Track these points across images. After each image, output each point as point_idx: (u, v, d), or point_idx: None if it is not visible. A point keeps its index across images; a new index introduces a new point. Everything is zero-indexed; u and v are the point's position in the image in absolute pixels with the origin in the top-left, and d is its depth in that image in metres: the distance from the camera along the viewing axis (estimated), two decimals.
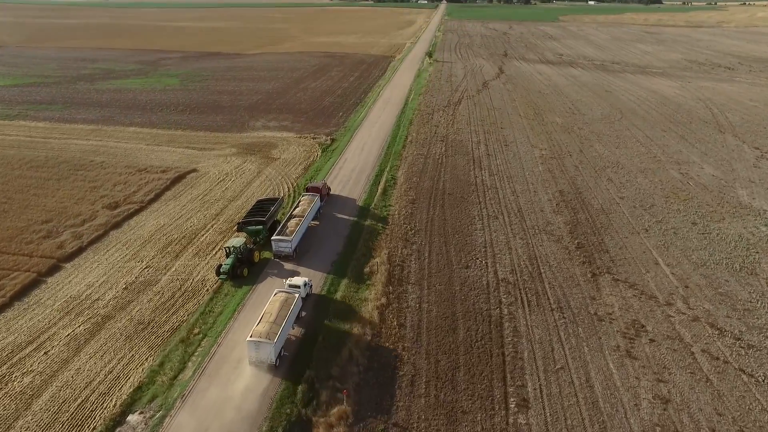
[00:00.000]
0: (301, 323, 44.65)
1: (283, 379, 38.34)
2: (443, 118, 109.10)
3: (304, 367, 39.53)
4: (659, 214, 66.80)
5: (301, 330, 44.18)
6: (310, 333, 43.76)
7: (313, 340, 42.60)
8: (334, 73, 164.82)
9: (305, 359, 40.49)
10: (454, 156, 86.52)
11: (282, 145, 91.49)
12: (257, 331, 38.87)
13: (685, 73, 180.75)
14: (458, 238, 59.75)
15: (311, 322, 45.06)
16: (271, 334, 38.55)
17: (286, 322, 40.59)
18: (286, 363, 40.00)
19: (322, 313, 46.13)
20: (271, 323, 39.79)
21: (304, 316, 45.51)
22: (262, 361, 38.62)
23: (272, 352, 38.06)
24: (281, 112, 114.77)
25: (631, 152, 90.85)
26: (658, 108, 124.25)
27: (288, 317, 41.11)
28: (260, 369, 38.81)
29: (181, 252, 56.36)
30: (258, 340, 38.15)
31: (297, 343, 42.67)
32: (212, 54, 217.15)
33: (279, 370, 38.89)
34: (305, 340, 42.86)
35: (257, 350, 38.33)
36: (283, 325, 39.92)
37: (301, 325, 44.58)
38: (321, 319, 45.31)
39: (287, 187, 73.50)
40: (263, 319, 40.67)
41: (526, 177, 78.12)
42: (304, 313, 45.74)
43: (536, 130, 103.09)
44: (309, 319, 45.35)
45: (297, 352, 41.52)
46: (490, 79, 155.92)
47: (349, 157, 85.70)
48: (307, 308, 46.57)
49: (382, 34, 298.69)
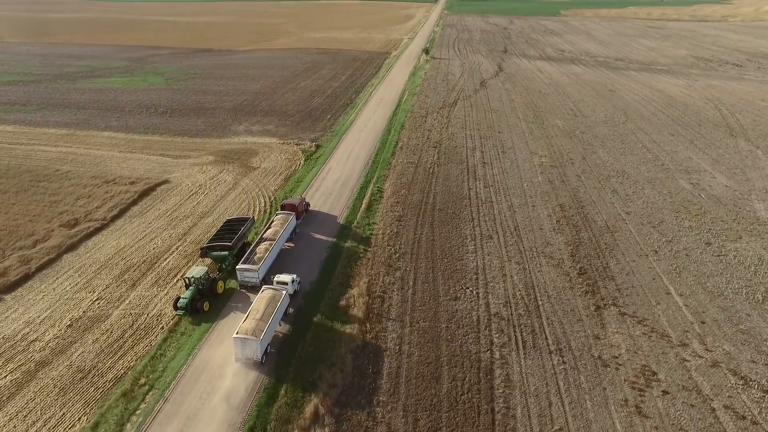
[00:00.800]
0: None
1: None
2: (437, 121, 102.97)
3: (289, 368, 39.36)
4: (669, 233, 60.95)
5: (288, 327, 44.19)
6: (271, 383, 38.18)
7: (273, 395, 36.96)
8: (325, 71, 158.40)
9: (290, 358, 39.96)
10: (447, 164, 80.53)
11: (263, 152, 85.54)
12: (243, 328, 38.89)
13: (692, 70, 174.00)
14: (447, 262, 53.95)
15: (273, 367, 39.46)
16: (257, 331, 38.56)
17: (273, 319, 40.65)
18: (272, 361, 39.86)
19: (286, 358, 40.50)
20: (257, 320, 39.64)
21: (291, 312, 45.43)
22: (248, 358, 38.72)
23: (258, 350, 38.19)
24: (266, 114, 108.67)
25: (637, 159, 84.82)
26: (665, 109, 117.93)
27: (275, 314, 41.13)
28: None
29: (139, 280, 50.67)
30: (244, 337, 38.11)
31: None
32: (203, 50, 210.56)
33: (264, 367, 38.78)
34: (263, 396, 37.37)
35: (243, 347, 38.34)
36: (269, 322, 39.95)
37: (288, 321, 44.42)
38: (285, 366, 39.71)
39: (263, 202, 67.70)
40: (250, 315, 40.57)
41: (525, 189, 72.20)
42: (291, 309, 45.73)
43: (536, 134, 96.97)
44: (271, 363, 39.77)
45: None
46: (488, 78, 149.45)
47: (334, 165, 79.74)
48: (276, 345, 42.33)
49: (380, 29, 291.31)
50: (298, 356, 40.66)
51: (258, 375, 38.64)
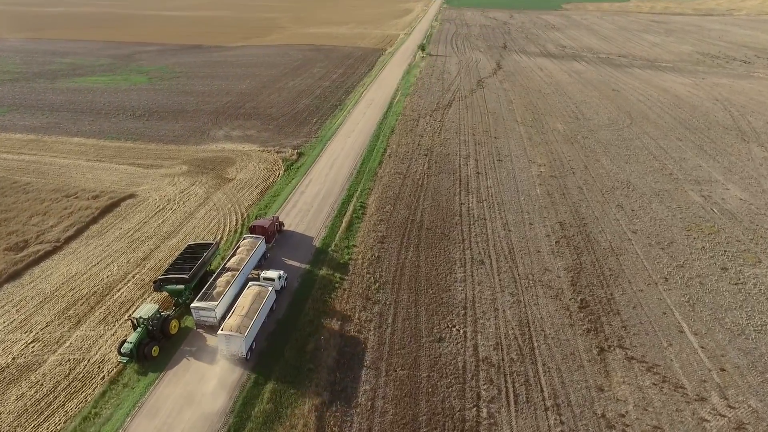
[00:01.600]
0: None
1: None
2: (430, 125, 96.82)
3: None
4: (680, 255, 55.13)
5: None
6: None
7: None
8: (316, 69, 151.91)
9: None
10: (438, 175, 74.56)
11: (241, 161, 79.60)
12: (228, 325, 38.77)
13: (698, 67, 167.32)
14: (433, 293, 48.22)
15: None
16: (242, 328, 38.51)
17: (258, 316, 40.68)
18: (256, 357, 39.82)
19: (243, 414, 34.87)
20: (242, 316, 39.58)
21: (275, 309, 45.04)
22: (233, 354, 38.65)
23: (243, 346, 38.11)
24: (249, 117, 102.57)
25: (643, 168, 78.82)
26: (672, 111, 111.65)
27: (260, 311, 41.19)
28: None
29: (86, 316, 45.02)
30: (229, 333, 37.95)
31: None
32: (193, 47, 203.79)
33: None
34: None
35: (228, 344, 38.22)
36: (254, 318, 39.92)
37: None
38: (239, 427, 34.09)
39: (235, 219, 61.91)
40: (235, 312, 40.44)
41: (521, 203, 66.32)
42: (276, 306, 45.38)
43: (535, 139, 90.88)
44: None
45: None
46: (486, 76, 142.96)
47: (315, 177, 73.78)
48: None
49: (376, 24, 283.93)
50: (254, 415, 35.09)
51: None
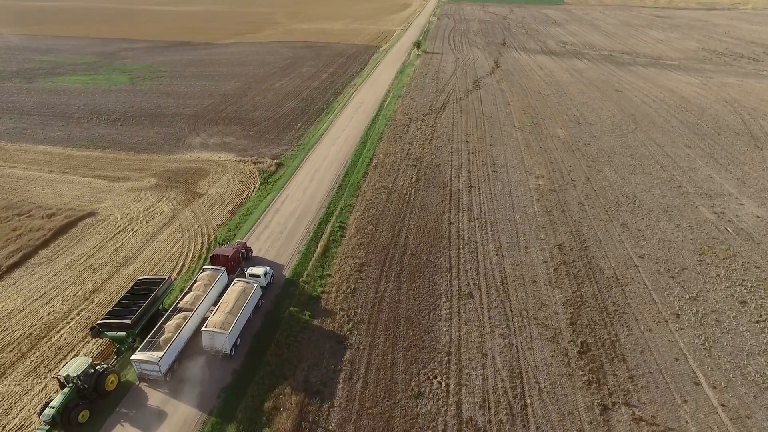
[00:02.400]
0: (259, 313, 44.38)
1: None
2: (421, 132, 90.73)
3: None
4: (692, 286, 49.39)
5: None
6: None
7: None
8: (306, 68, 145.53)
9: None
10: (427, 189, 68.68)
11: (215, 172, 73.69)
12: (212, 321, 38.64)
13: (705, 65, 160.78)
14: (413, 336, 42.53)
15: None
16: (226, 324, 38.46)
17: (243, 313, 40.56)
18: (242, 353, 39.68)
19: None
20: (226, 313, 39.45)
21: (263, 305, 45.22)
22: (217, 351, 38.50)
23: (227, 343, 37.99)
24: (229, 122, 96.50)
25: (649, 180, 72.89)
26: (679, 114, 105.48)
27: (245, 307, 41.06)
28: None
29: (14, 365, 39.42)
30: (213, 330, 37.92)
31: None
32: (182, 44, 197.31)
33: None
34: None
35: (212, 340, 38.12)
36: (238, 315, 39.83)
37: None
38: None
39: (200, 243, 56.16)
40: (220, 308, 40.31)
41: (517, 222, 60.48)
42: (263, 302, 45.61)
43: (533, 147, 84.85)
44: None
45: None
46: (483, 76, 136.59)
47: (293, 192, 67.88)
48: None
49: (372, 20, 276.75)
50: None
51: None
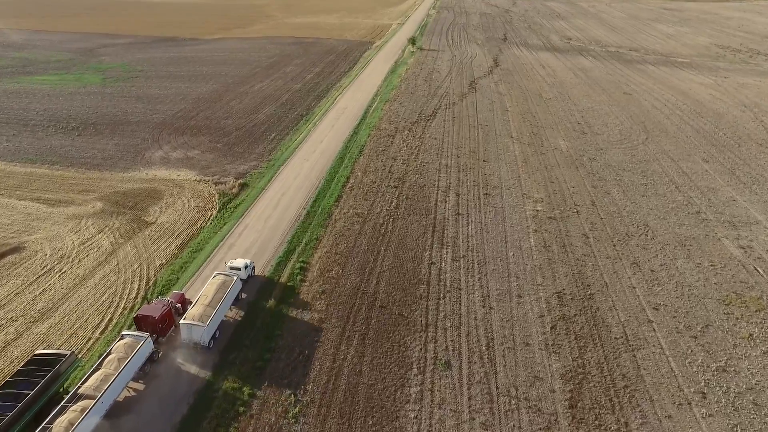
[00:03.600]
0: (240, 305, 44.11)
1: None
2: (407, 144, 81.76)
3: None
4: (720, 350, 40.80)
5: (239, 312, 43.47)
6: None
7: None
8: (291, 67, 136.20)
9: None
10: (407, 217, 59.94)
11: (170, 195, 65.15)
12: (191, 314, 38.92)
13: (718, 63, 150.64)
14: (373, 425, 34.05)
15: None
16: (204, 317, 38.70)
17: (222, 305, 40.47)
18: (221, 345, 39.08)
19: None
20: (205, 306, 39.66)
21: (244, 298, 44.99)
22: (195, 343, 38.47)
23: (205, 335, 38.18)
24: (197, 132, 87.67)
25: (663, 204, 63.99)
26: (693, 121, 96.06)
27: (224, 300, 40.97)
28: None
29: None
30: (191, 322, 38.14)
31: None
32: (166, 39, 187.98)
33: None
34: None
35: (190, 332, 38.30)
36: (217, 307, 39.75)
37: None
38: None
39: (137, 288, 47.73)
40: (199, 301, 40.50)
41: (509, 262, 51.79)
42: (245, 295, 45.43)
43: (532, 163, 75.84)
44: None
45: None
46: (480, 76, 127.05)
47: (253, 221, 59.24)
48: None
49: (368, 13, 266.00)
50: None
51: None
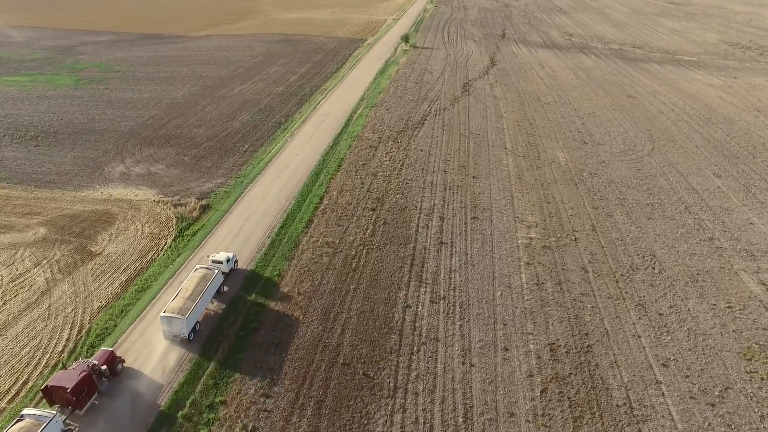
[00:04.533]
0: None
1: None
2: (390, 157, 74.97)
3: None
4: (742, 423, 34.35)
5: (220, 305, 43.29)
6: None
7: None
8: (276, 68, 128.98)
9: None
10: (384, 247, 53.26)
11: (123, 219, 58.56)
12: (171, 307, 39.01)
13: (727, 61, 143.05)
14: None
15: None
16: (184, 310, 38.70)
17: (202, 298, 40.53)
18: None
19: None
20: (185, 299, 39.76)
21: (226, 291, 45.11)
22: (175, 336, 38.77)
23: (184, 327, 38.24)
24: (165, 143, 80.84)
25: (671, 228, 57.29)
26: (702, 128, 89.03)
27: (204, 293, 41.00)
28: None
29: None
30: (170, 315, 38.25)
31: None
32: (150, 36, 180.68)
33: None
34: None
35: (170, 325, 38.52)
36: (197, 300, 39.82)
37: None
38: None
39: (66, 338, 41.25)
40: (179, 294, 40.60)
41: (496, 304, 45.23)
42: (227, 288, 45.47)
43: (526, 179, 69.05)
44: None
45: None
46: (475, 77, 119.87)
47: (210, 252, 52.60)
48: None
49: (363, 8, 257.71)
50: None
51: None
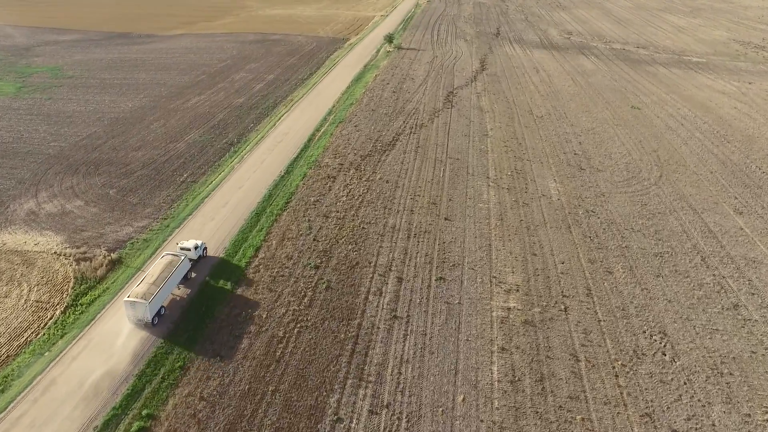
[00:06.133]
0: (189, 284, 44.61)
1: None
2: (348, 191, 63.33)
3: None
4: None
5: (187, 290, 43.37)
6: None
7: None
8: (242, 74, 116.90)
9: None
10: (321, 324, 41.81)
11: (9, 279, 46.89)
12: (135, 292, 39.80)
13: (739, 63, 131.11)
14: None
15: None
16: (147, 294, 39.35)
17: (167, 283, 41.09)
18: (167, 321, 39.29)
19: None
20: (149, 284, 40.38)
21: (194, 277, 45.60)
22: (139, 320, 39.47)
23: (147, 311, 38.85)
24: (94, 171, 69.06)
25: (685, 290, 45.94)
26: (717, 147, 77.42)
27: (170, 278, 41.45)
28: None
29: None
30: (134, 300, 38.87)
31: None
32: (120, 35, 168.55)
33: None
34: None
35: (134, 309, 39.06)
36: (162, 285, 40.47)
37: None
38: None
39: None
40: (144, 280, 41.22)
41: (455, 417, 33.81)
42: (194, 274, 45.84)
43: (510, 221, 57.56)
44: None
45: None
46: (462, 85, 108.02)
47: (107, 328, 41.01)
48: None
49: (352, 3, 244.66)
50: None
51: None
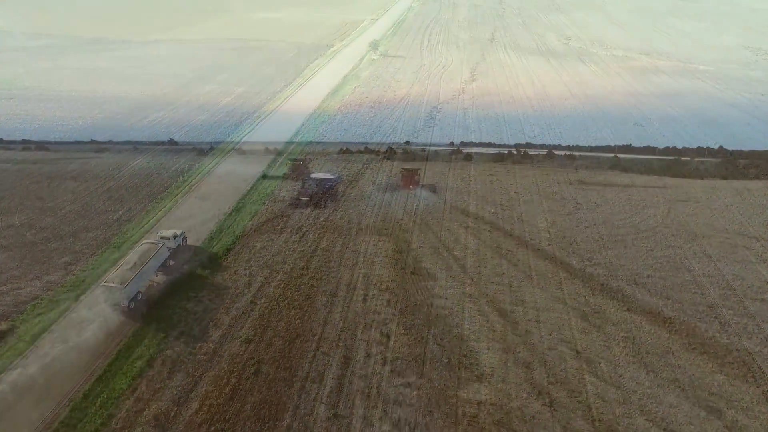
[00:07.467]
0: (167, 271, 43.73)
1: None
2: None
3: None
4: None
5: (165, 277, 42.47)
6: None
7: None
8: (210, 86, 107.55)
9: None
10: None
11: None
12: (111, 277, 39.55)
13: (751, 72, 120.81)
14: None
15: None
16: (124, 279, 39.23)
17: (144, 269, 40.83)
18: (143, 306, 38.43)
19: None
20: (126, 270, 40.14)
21: (172, 264, 44.77)
22: (114, 305, 39.11)
23: (123, 296, 38.69)
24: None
25: None
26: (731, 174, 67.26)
27: (147, 264, 41.26)
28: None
29: None
30: (109, 285, 38.82)
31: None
32: (91, 42, 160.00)
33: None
34: None
35: (109, 294, 38.94)
36: (138, 271, 40.17)
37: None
38: None
39: None
40: (121, 266, 40.80)
41: None
42: (173, 262, 45.00)
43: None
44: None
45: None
46: (446, 99, 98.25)
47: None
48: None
49: (344, 6, 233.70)
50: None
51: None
